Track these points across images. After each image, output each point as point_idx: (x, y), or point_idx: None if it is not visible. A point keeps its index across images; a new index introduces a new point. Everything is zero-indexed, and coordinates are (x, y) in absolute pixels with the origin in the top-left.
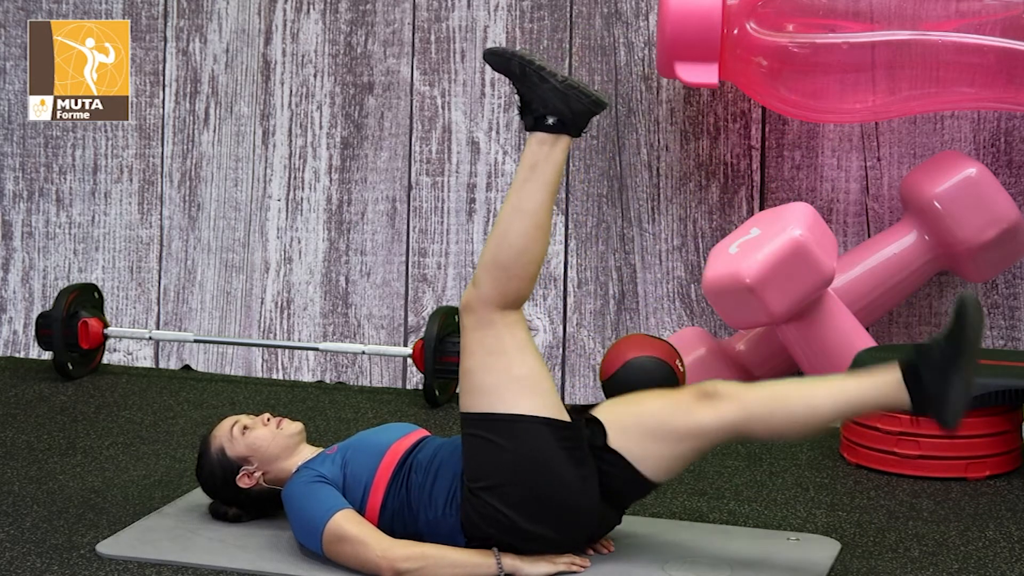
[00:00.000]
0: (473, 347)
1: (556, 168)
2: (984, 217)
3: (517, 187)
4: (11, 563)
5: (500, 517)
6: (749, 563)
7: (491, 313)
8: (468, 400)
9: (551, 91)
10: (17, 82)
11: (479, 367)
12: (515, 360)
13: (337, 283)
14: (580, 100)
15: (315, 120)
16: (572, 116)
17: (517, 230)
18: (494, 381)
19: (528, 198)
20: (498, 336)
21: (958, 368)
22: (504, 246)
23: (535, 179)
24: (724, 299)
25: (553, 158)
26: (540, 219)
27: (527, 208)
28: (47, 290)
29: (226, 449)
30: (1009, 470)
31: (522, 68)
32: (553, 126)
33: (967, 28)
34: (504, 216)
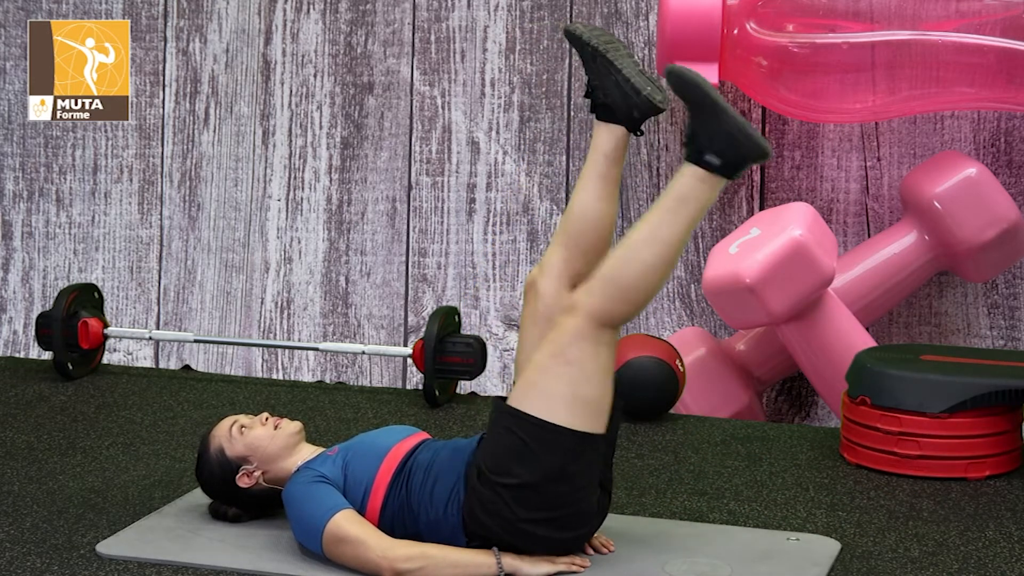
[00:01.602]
0: (557, 348)
1: (704, 207)
2: (984, 217)
3: (660, 215)
4: (11, 563)
5: (506, 513)
6: (749, 563)
7: (590, 325)
8: (524, 395)
9: (724, 132)
10: (17, 82)
11: (551, 370)
12: (588, 379)
13: (337, 283)
14: (750, 147)
15: (315, 120)
16: (738, 161)
17: (647, 257)
18: (558, 390)
19: (668, 230)
20: (583, 350)
21: (618, 69)
22: (629, 269)
23: (681, 213)
24: (724, 299)
25: (705, 197)
26: (672, 254)
27: (664, 239)
28: (47, 290)
29: (225, 449)
30: (1009, 470)
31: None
32: (716, 167)
33: (967, 28)
34: (638, 238)
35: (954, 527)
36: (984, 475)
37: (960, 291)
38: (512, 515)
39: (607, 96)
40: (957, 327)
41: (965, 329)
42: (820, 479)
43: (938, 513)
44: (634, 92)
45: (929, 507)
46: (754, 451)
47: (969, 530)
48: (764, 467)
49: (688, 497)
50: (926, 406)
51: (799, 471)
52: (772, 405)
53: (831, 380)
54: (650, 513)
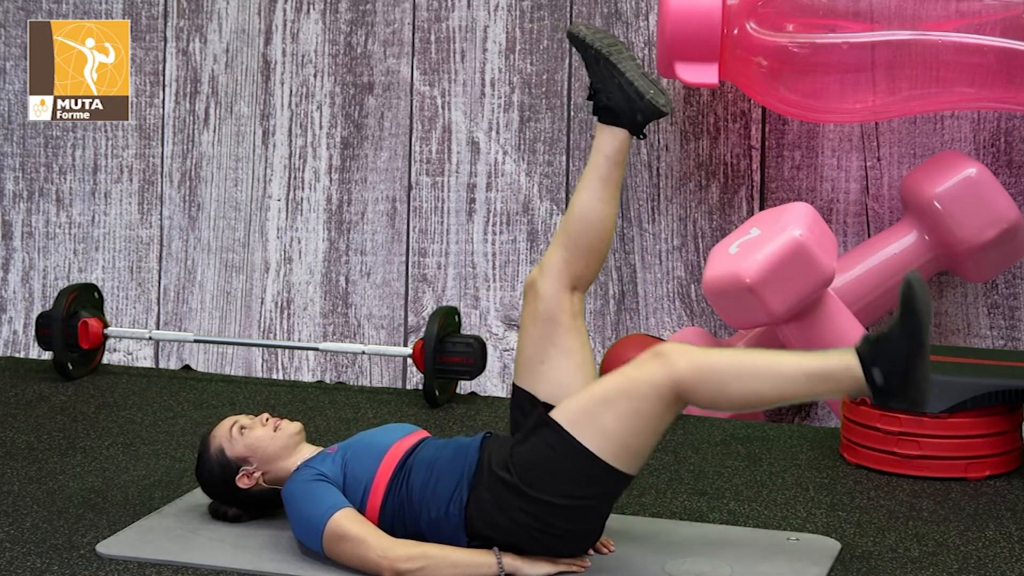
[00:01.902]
0: (630, 392)
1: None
2: (984, 217)
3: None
4: (11, 563)
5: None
6: (749, 563)
7: (673, 390)
8: (581, 422)
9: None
10: (17, 82)
11: (617, 410)
12: (647, 436)
13: (337, 283)
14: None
15: (315, 120)
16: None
17: (763, 389)
18: (617, 432)
19: (793, 384)
20: (658, 410)
21: (621, 72)
22: (737, 384)
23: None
24: (724, 299)
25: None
26: (783, 396)
27: (786, 392)
28: (47, 290)
29: (225, 449)
30: (1009, 470)
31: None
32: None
33: (967, 28)
34: (765, 364)
35: (954, 527)
36: (984, 475)
37: (960, 291)
38: (526, 522)
39: (610, 99)
40: (957, 327)
41: (965, 329)
42: (820, 479)
43: (938, 513)
44: (637, 96)
45: (929, 507)
46: (754, 451)
47: (969, 530)
48: (764, 467)
49: (688, 497)
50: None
51: (799, 471)
52: None
53: None
54: (650, 513)
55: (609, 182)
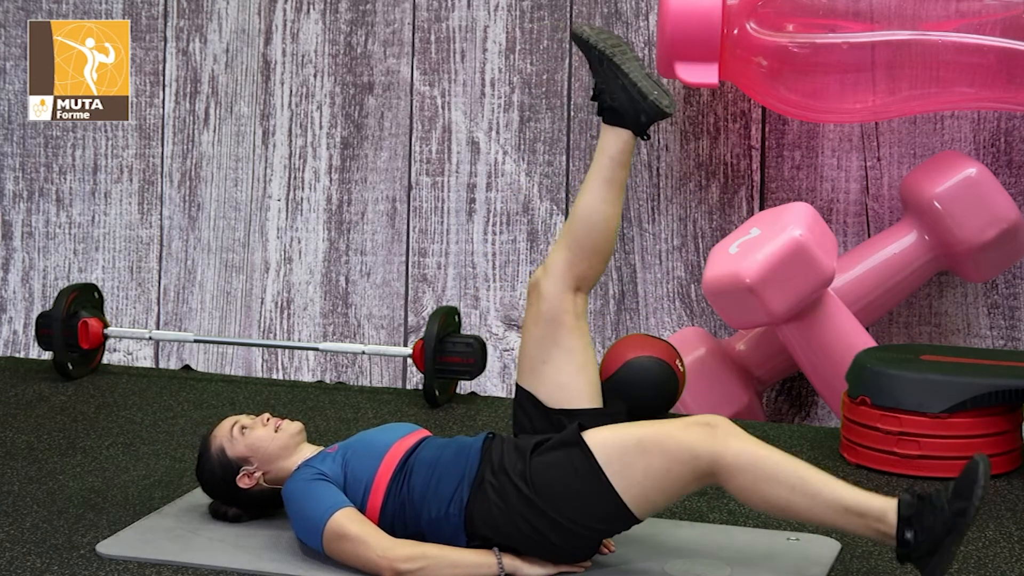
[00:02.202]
0: (675, 451)
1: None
2: (984, 217)
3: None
4: (11, 563)
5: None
6: (749, 563)
7: (710, 466)
8: (610, 455)
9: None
10: (17, 82)
11: (653, 463)
12: (668, 495)
13: (337, 283)
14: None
15: (315, 120)
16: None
17: (783, 498)
18: (643, 482)
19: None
20: (686, 477)
21: (624, 73)
22: (769, 500)
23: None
24: (724, 299)
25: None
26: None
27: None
28: (47, 290)
29: (226, 449)
30: (1009, 470)
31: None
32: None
33: (967, 28)
34: (799, 473)
35: None
36: None
37: (960, 291)
38: (526, 529)
39: (614, 100)
40: (957, 327)
41: (965, 329)
42: None
43: None
44: (641, 97)
45: None
46: None
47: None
48: None
49: (688, 497)
50: (926, 406)
51: None
52: (772, 405)
53: (831, 380)
54: None
55: (613, 183)
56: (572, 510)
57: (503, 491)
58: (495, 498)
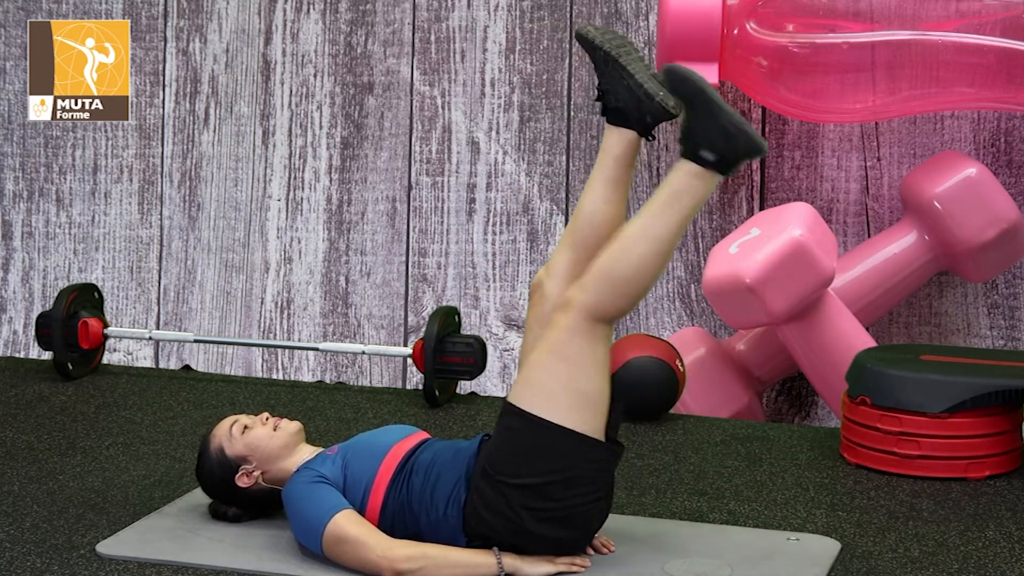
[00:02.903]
0: (552, 346)
1: (698, 203)
2: (984, 217)
3: (654, 211)
4: (11, 563)
5: (510, 514)
6: (749, 563)
7: (584, 321)
8: (523, 393)
9: (720, 128)
10: (17, 82)
11: (549, 367)
12: (584, 375)
13: (337, 283)
14: (745, 144)
15: (315, 120)
16: (733, 158)
17: (641, 252)
18: (556, 388)
19: (662, 226)
20: (580, 346)
21: (630, 73)
22: (623, 263)
23: (675, 208)
24: (724, 299)
25: (699, 193)
26: (666, 249)
27: (657, 235)
28: (47, 290)
29: (225, 448)
30: (1009, 470)
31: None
32: (711, 163)
33: (967, 28)
34: (632, 233)
35: (954, 527)
36: (984, 475)
37: (960, 291)
38: (514, 514)
39: (619, 100)
40: (957, 327)
41: (965, 329)
42: (820, 479)
43: (938, 513)
44: (647, 97)
45: (929, 507)
46: (754, 451)
47: (969, 530)
48: (764, 467)
49: (688, 497)
50: (926, 406)
51: (799, 471)
52: (772, 405)
53: (831, 380)
54: (650, 513)
55: (618, 184)
56: (534, 463)
57: (480, 491)
58: (478, 499)
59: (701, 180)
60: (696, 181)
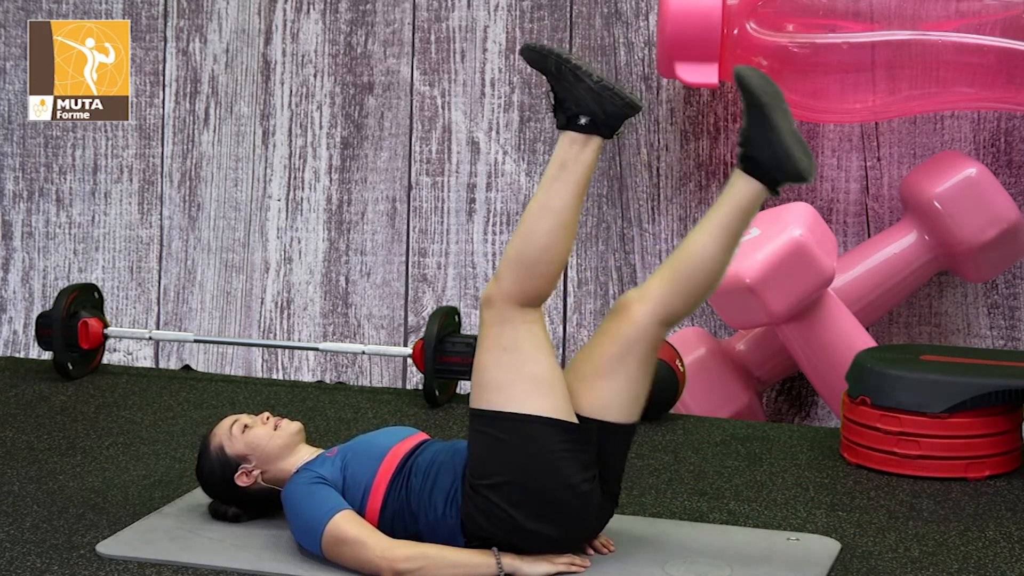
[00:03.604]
0: (489, 343)
1: (586, 168)
2: (984, 217)
3: (545, 185)
4: (11, 563)
5: (502, 515)
6: (749, 563)
7: (510, 310)
8: (479, 395)
9: (586, 91)
10: (17, 82)
11: (493, 363)
12: (529, 358)
13: (337, 283)
14: (614, 101)
15: (315, 120)
16: (605, 117)
17: (543, 228)
18: (506, 378)
19: (556, 197)
20: (515, 333)
21: (773, 126)
22: (529, 244)
23: (564, 178)
24: (724, 299)
25: (583, 158)
26: (566, 219)
27: (554, 207)
28: (47, 290)
29: (225, 447)
30: (1009, 470)
31: (558, 66)
32: (585, 126)
33: (967, 28)
34: (530, 213)
35: (954, 527)
36: (984, 475)
37: (960, 291)
38: (507, 515)
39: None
40: (957, 327)
41: (965, 329)
42: (820, 479)
43: (938, 513)
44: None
45: (929, 507)
46: (754, 451)
47: (969, 530)
48: (764, 467)
49: (688, 497)
50: (926, 406)
51: (799, 471)
52: (772, 405)
53: (831, 380)
54: (650, 513)
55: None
56: (507, 460)
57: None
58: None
59: (583, 146)
60: (578, 148)
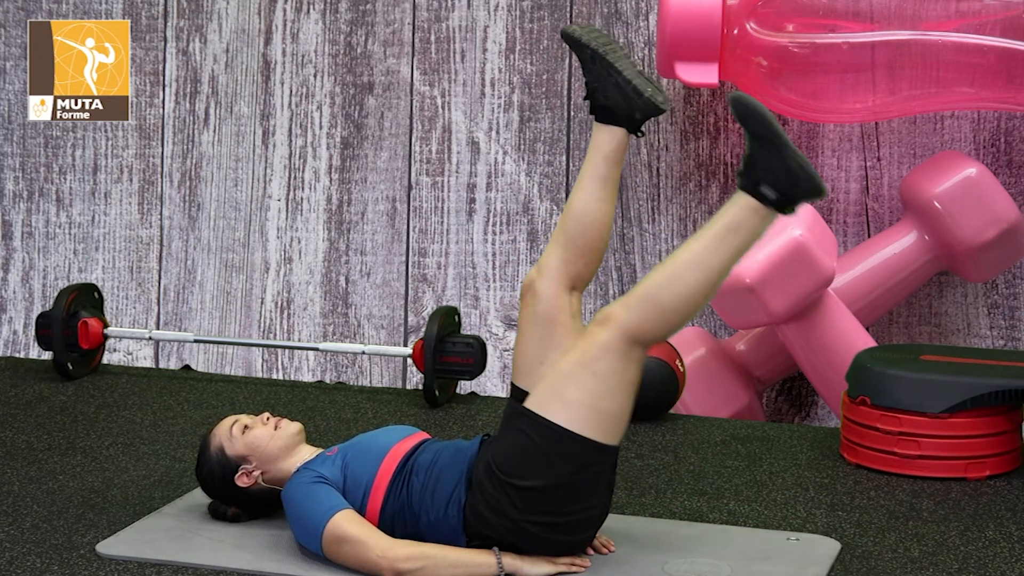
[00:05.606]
0: (584, 358)
1: (753, 239)
2: (984, 217)
3: (708, 241)
4: (11, 563)
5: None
6: (749, 563)
7: (622, 340)
8: (546, 400)
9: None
10: (17, 82)
11: (577, 379)
12: (614, 395)
13: (337, 283)
14: (807, 185)
15: (315, 120)
16: (794, 198)
17: (690, 281)
18: (581, 400)
19: (714, 257)
20: (613, 365)
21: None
22: (670, 290)
23: (729, 241)
24: (724, 299)
25: (755, 229)
26: (715, 280)
27: (709, 265)
28: (47, 290)
29: (225, 448)
30: (1009, 470)
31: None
32: (770, 201)
33: (967, 28)
34: (684, 260)
35: (954, 527)
36: (984, 475)
37: (960, 291)
38: (517, 515)
39: (607, 98)
40: (957, 327)
41: (965, 329)
42: (820, 479)
43: (938, 513)
44: (636, 94)
45: (929, 507)
46: (754, 451)
47: (969, 530)
48: (764, 467)
49: (688, 497)
50: (926, 406)
51: (799, 471)
52: (772, 405)
53: (831, 380)
54: (650, 513)
55: (607, 181)
56: (544, 468)
57: (483, 490)
58: (481, 499)
59: (758, 215)
60: (753, 216)
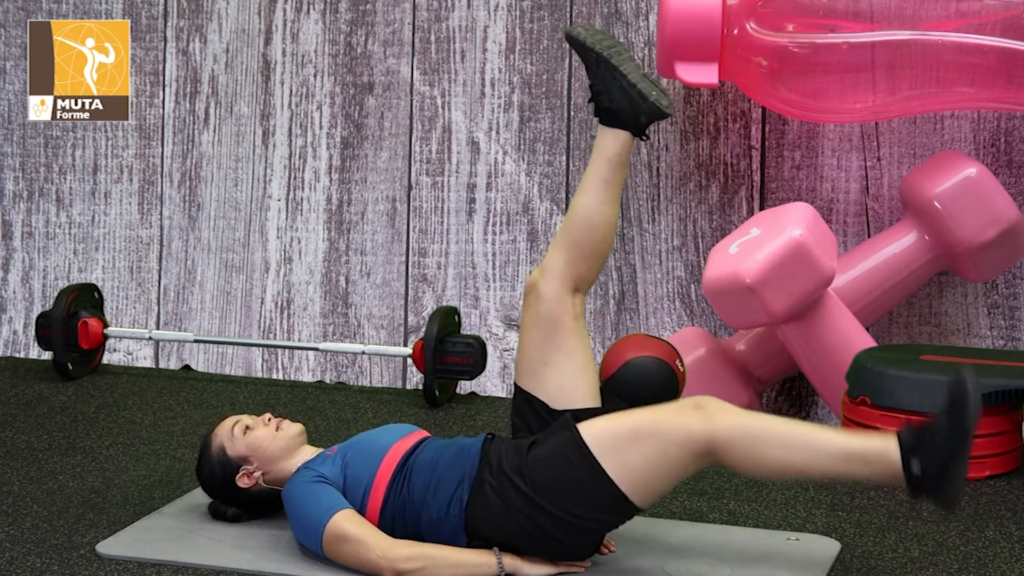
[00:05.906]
0: (667, 434)
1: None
2: (984, 217)
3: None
4: (11, 563)
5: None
6: (749, 563)
7: (708, 445)
8: (606, 446)
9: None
10: (17, 82)
11: (647, 449)
12: (668, 479)
13: (337, 283)
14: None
15: (315, 120)
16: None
17: (788, 460)
18: (640, 468)
19: (824, 462)
20: (685, 459)
21: (621, 74)
22: (771, 450)
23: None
24: (724, 299)
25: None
26: (805, 473)
27: (812, 464)
28: (47, 290)
29: (226, 448)
30: (1009, 470)
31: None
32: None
33: (967, 28)
34: (802, 436)
35: (954, 527)
36: (984, 475)
37: (960, 291)
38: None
39: (612, 101)
40: (957, 327)
41: (965, 329)
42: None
43: (938, 513)
44: (640, 98)
45: (929, 507)
46: None
47: (969, 530)
48: None
49: (688, 497)
50: (926, 406)
51: None
52: (772, 405)
53: (831, 380)
54: (650, 513)
55: (611, 184)
56: (571, 502)
57: (502, 490)
58: (495, 498)
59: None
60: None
